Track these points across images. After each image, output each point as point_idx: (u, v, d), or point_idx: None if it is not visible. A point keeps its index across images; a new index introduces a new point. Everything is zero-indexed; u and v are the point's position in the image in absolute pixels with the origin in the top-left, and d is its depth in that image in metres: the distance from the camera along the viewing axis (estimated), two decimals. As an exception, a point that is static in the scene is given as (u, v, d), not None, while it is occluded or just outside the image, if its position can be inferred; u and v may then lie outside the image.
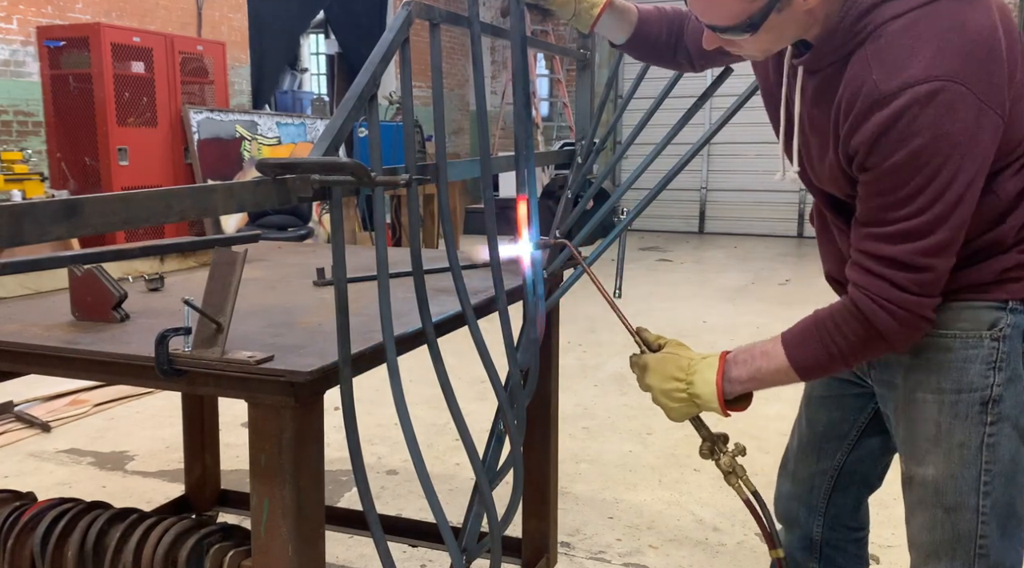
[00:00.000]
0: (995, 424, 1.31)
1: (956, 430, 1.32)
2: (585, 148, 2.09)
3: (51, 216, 0.81)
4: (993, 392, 1.30)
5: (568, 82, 11.40)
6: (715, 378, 1.39)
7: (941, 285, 1.24)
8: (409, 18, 1.31)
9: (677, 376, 1.42)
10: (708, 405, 1.42)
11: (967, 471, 1.32)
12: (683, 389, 1.42)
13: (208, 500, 2.67)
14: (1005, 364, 1.30)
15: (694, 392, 1.41)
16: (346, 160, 1.11)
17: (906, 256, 1.21)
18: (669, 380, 1.43)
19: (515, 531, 2.28)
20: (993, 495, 1.32)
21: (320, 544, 1.34)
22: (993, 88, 1.16)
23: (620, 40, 1.71)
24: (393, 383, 1.27)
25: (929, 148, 1.15)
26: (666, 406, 1.46)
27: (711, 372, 1.39)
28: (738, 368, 1.39)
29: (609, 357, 5.03)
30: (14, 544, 1.65)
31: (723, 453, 1.49)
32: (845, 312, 1.28)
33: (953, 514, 1.34)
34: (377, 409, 3.71)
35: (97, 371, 1.38)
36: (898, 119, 1.15)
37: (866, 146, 1.19)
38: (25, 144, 5.82)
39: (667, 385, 1.43)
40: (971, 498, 1.32)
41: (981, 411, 1.31)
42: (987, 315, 1.31)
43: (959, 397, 1.32)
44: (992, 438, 1.31)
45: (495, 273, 1.46)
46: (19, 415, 3.87)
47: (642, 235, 10.97)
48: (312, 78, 11.34)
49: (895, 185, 1.19)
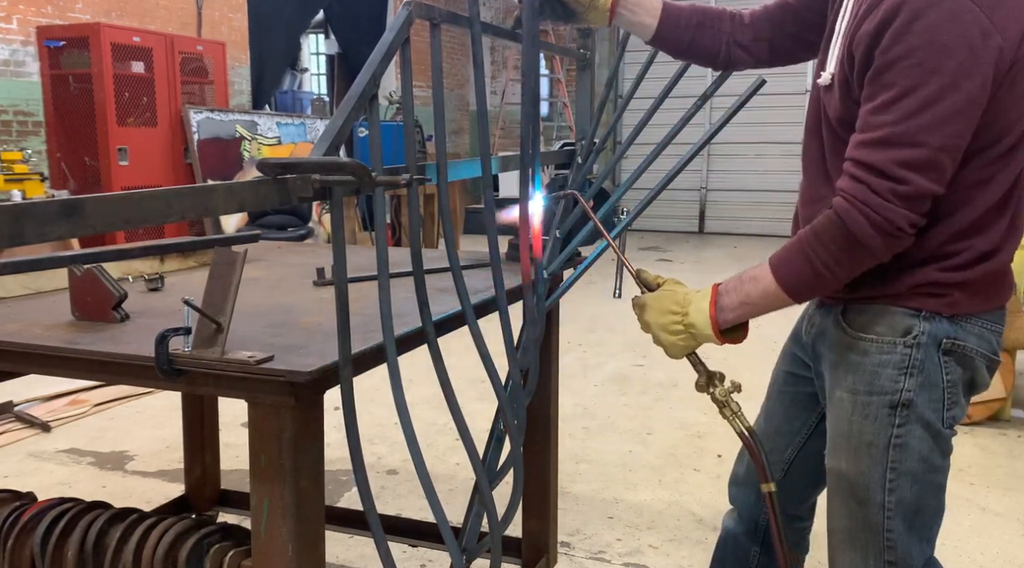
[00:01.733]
0: (903, 426, 1.36)
1: (866, 430, 1.38)
2: (585, 148, 2.09)
3: (51, 216, 0.81)
4: (902, 396, 1.35)
5: (568, 82, 11.40)
6: (708, 307, 1.40)
7: (922, 204, 1.24)
8: (409, 18, 1.31)
9: (673, 309, 1.44)
10: (703, 333, 1.42)
11: (875, 469, 1.38)
12: (679, 321, 1.43)
13: (208, 500, 2.67)
14: (917, 371, 1.34)
15: (689, 322, 1.42)
16: (347, 160, 1.11)
17: (885, 164, 1.21)
18: (666, 314, 1.44)
19: (515, 531, 2.28)
20: (898, 492, 1.38)
21: (320, 544, 1.34)
22: (1001, 15, 1.17)
23: (646, 35, 1.69)
24: (393, 383, 1.27)
25: (923, 50, 1.16)
26: (665, 341, 1.46)
27: (704, 302, 1.41)
28: (729, 296, 1.41)
29: (609, 357, 5.03)
30: (14, 544, 1.65)
31: (719, 386, 1.50)
32: (825, 220, 1.28)
33: (863, 507, 1.40)
34: (377, 409, 3.71)
35: (97, 371, 1.38)
36: (900, 10, 1.17)
37: (868, 38, 1.21)
38: (25, 144, 5.82)
39: (664, 319, 1.45)
40: (877, 495, 1.38)
41: (890, 414, 1.36)
42: (901, 322, 1.35)
43: (870, 399, 1.37)
44: (900, 439, 1.36)
45: (495, 273, 1.46)
46: (19, 415, 3.87)
47: (642, 235, 10.97)
48: (312, 78, 11.34)
49: (885, 85, 1.20)
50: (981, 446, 3.54)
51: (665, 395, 4.33)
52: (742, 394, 1.48)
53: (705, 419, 3.93)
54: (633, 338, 5.51)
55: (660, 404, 4.20)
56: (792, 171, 11.27)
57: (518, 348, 1.66)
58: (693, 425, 3.88)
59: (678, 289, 1.48)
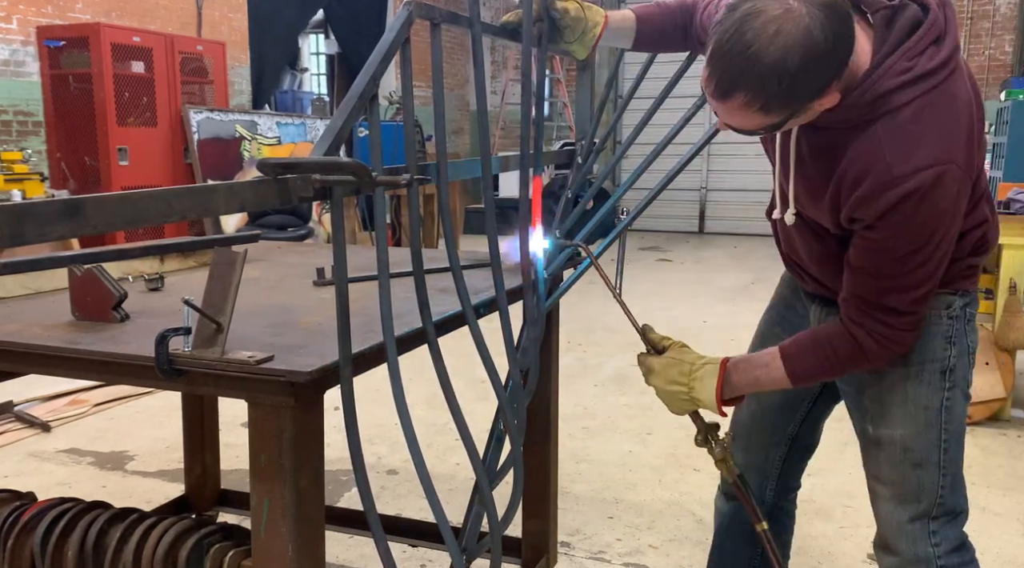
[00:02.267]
0: (951, 390, 1.53)
1: (921, 395, 1.53)
2: (585, 148, 2.09)
3: (52, 216, 0.81)
4: (950, 363, 1.52)
5: (568, 82, 11.40)
6: (716, 386, 1.54)
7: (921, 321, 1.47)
8: (410, 18, 1.31)
9: (679, 381, 1.56)
10: (707, 406, 1.58)
11: (930, 431, 1.53)
12: (685, 393, 1.56)
13: (208, 500, 2.67)
14: (958, 339, 1.53)
15: (695, 396, 1.56)
16: (347, 160, 1.11)
17: (899, 304, 1.41)
18: (671, 384, 1.57)
19: (515, 531, 2.28)
20: (950, 452, 1.54)
21: (320, 544, 1.34)
22: (971, 158, 1.35)
23: (626, 46, 1.82)
24: (393, 383, 1.27)
25: (929, 223, 1.34)
26: (669, 406, 1.62)
27: (712, 380, 1.54)
28: (738, 375, 1.55)
29: (609, 357, 5.03)
30: (14, 544, 1.65)
31: (716, 442, 1.66)
32: (843, 340, 1.46)
33: (919, 469, 1.54)
34: (377, 409, 3.71)
35: (97, 371, 1.38)
36: (907, 199, 1.31)
37: (873, 217, 1.34)
38: (25, 144, 5.82)
39: (670, 388, 1.58)
40: (934, 454, 1.53)
41: (941, 379, 1.52)
42: (943, 299, 1.51)
43: (923, 367, 1.52)
44: (949, 402, 1.53)
45: (495, 273, 1.46)
46: (19, 415, 3.87)
47: (642, 235, 10.96)
48: (312, 78, 11.33)
49: (893, 247, 1.36)
50: (981, 446, 3.54)
51: (665, 395, 4.33)
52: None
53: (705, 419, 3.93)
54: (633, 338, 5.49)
55: (660, 404, 4.19)
56: (792, 171, 11.28)
57: (518, 348, 1.66)
58: (693, 425, 3.87)
59: (685, 358, 1.58)
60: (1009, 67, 9.83)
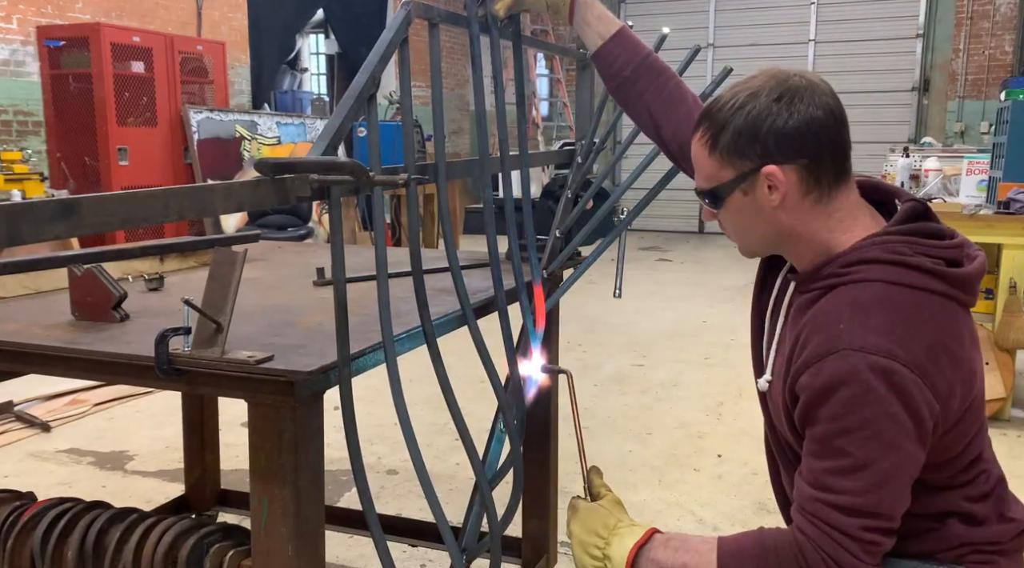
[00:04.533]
0: None
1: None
2: (585, 148, 2.09)
3: (49, 216, 0.81)
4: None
5: (568, 82, 11.40)
6: (631, 548, 1.34)
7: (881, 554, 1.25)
8: (408, 18, 1.31)
9: (599, 532, 1.38)
10: None
11: None
12: (600, 547, 1.38)
13: (208, 500, 2.67)
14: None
15: (608, 553, 1.36)
16: (345, 160, 1.11)
17: (857, 531, 1.21)
18: (590, 534, 1.39)
19: (515, 531, 2.28)
20: None
21: (320, 544, 1.34)
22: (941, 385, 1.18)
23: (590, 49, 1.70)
24: (392, 383, 1.27)
25: (880, 423, 1.17)
26: (578, 559, 1.40)
27: (631, 539, 1.35)
28: (664, 551, 1.34)
29: (609, 357, 5.03)
30: (14, 544, 1.65)
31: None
32: (790, 553, 1.25)
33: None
34: (377, 409, 3.71)
35: (97, 371, 1.38)
36: (851, 380, 1.16)
37: (815, 394, 1.20)
38: (25, 144, 5.82)
39: (587, 537, 1.39)
40: None
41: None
42: None
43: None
44: None
45: (495, 273, 1.46)
46: (19, 415, 3.87)
47: (642, 235, 10.97)
48: (312, 78, 11.32)
49: (839, 451, 1.20)
50: (981, 446, 3.53)
51: (665, 395, 4.33)
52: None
53: (705, 419, 3.93)
54: (633, 338, 5.53)
55: (660, 404, 4.20)
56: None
57: (518, 348, 1.66)
58: (693, 425, 3.88)
59: (612, 513, 1.42)
60: (1009, 67, 9.84)
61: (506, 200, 1.65)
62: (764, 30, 11.08)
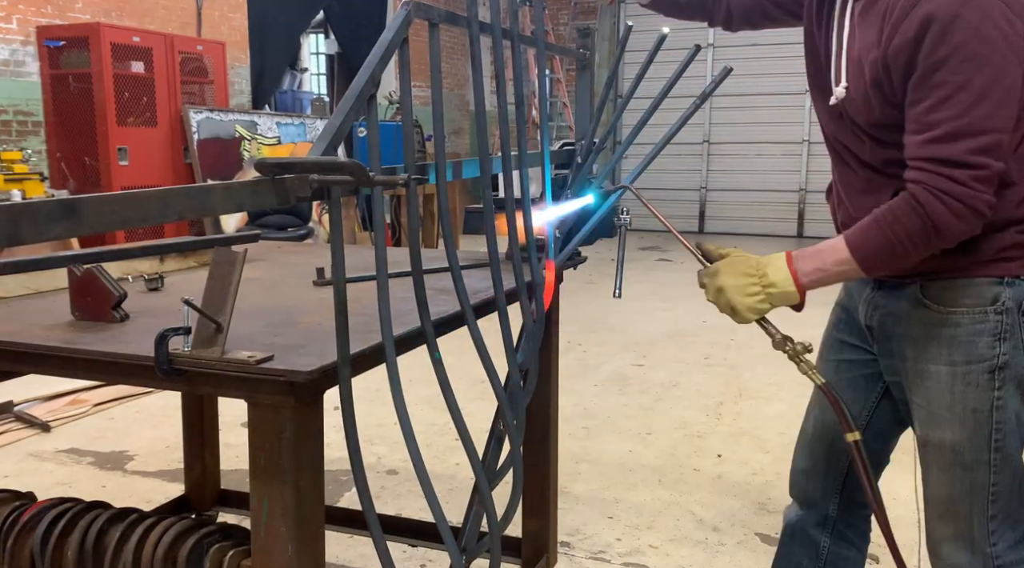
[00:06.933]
0: (1002, 388, 1.45)
1: (969, 397, 1.46)
2: (585, 148, 2.09)
3: (49, 216, 0.81)
4: (999, 361, 1.44)
5: (568, 82, 11.39)
6: (786, 266, 1.45)
7: (995, 184, 1.33)
8: (408, 18, 1.31)
9: (748, 272, 1.48)
10: (783, 291, 1.46)
11: (980, 433, 1.47)
12: (756, 282, 1.47)
13: (208, 500, 2.67)
14: (1009, 334, 1.44)
15: (769, 282, 1.46)
16: (344, 160, 1.11)
17: (962, 155, 1.30)
18: (742, 276, 1.48)
19: (515, 531, 2.28)
20: (1003, 450, 1.47)
21: (320, 544, 1.34)
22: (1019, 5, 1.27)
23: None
24: (392, 383, 1.27)
25: (967, 46, 1.26)
26: (741, 303, 1.48)
27: (781, 261, 1.46)
28: (804, 261, 1.45)
29: (609, 357, 5.03)
30: (14, 544, 1.65)
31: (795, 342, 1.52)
32: (903, 204, 1.35)
33: (969, 471, 1.48)
34: (377, 409, 3.71)
35: (97, 371, 1.38)
36: (934, 18, 1.26)
37: (910, 44, 1.30)
38: (25, 144, 5.82)
39: (741, 280, 1.48)
40: (984, 454, 1.47)
41: (990, 379, 1.45)
42: (989, 291, 1.44)
43: (970, 368, 1.45)
44: (1000, 401, 1.45)
45: (495, 273, 1.46)
46: (19, 415, 3.87)
47: (642, 235, 10.95)
48: (312, 78, 11.32)
49: (937, 84, 1.29)
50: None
51: (665, 395, 4.33)
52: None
53: (705, 419, 3.93)
54: (633, 338, 5.53)
55: (660, 404, 4.20)
56: (792, 171, 11.27)
57: (518, 348, 1.66)
58: (693, 425, 3.88)
59: (748, 255, 1.52)
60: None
61: (507, 200, 1.65)
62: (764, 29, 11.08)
